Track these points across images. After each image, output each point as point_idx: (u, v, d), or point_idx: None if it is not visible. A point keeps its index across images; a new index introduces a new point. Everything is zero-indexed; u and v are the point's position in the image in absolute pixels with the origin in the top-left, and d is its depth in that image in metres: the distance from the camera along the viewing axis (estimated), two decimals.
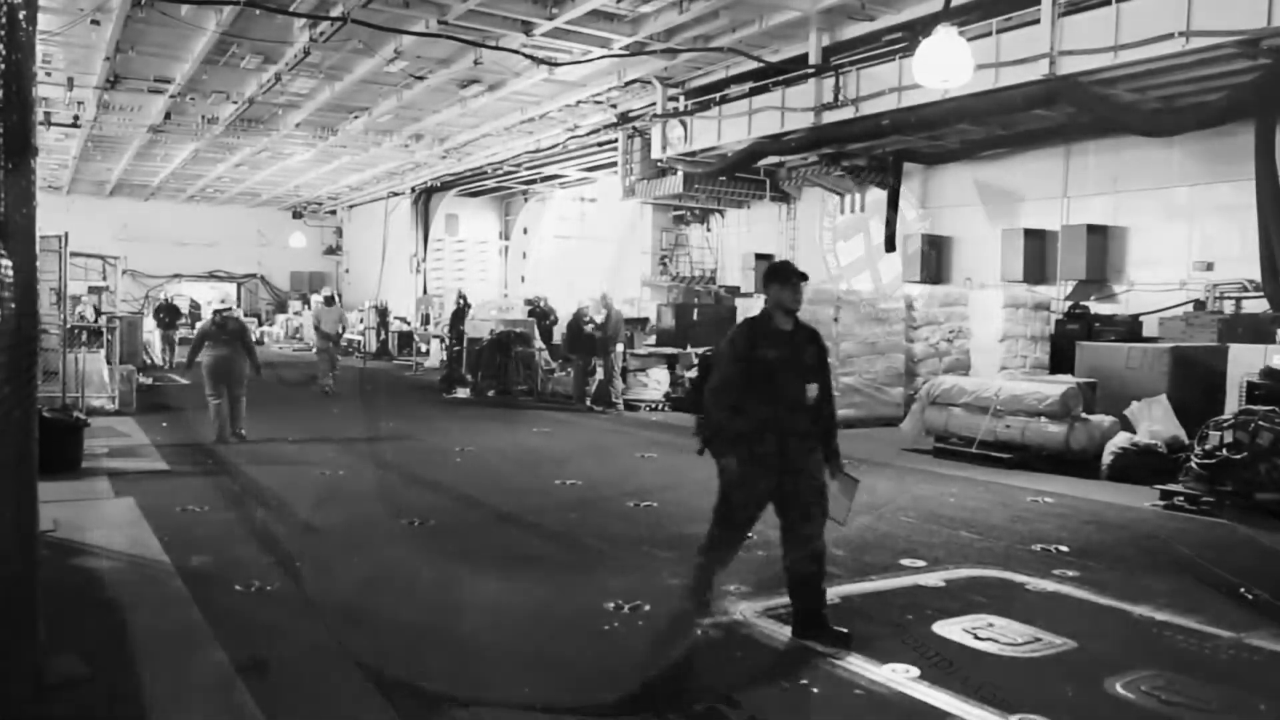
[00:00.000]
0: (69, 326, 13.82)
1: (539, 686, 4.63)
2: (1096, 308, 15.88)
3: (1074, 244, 16.16)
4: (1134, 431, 10.79)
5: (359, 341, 32.53)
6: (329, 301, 20.62)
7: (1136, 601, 6.04)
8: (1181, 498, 9.02)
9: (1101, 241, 16.09)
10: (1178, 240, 15.27)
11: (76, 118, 22.16)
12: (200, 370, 12.45)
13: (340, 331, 20.43)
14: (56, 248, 13.00)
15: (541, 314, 23.79)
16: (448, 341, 23.06)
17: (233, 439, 12.14)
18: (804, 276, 5.48)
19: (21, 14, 3.79)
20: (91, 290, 26.95)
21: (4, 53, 3.38)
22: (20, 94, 3.71)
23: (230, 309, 13.03)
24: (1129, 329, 14.59)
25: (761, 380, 5.25)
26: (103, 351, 15.49)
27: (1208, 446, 8.99)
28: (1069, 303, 16.21)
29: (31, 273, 4.22)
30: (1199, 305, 14.38)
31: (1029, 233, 17.02)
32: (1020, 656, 5.06)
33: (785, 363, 5.28)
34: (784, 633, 5.36)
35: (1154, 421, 10.69)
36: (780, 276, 5.46)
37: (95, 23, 15.50)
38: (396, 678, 4.73)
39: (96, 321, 16.85)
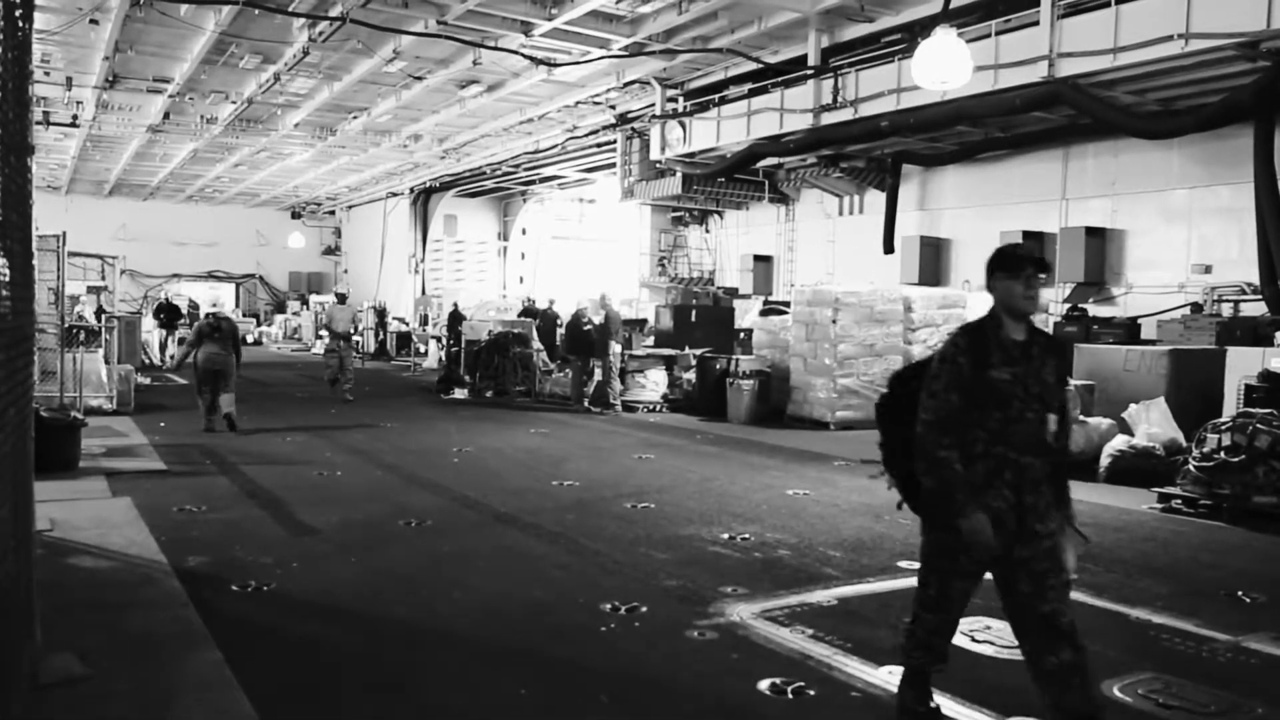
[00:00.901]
0: (67, 326, 13.80)
1: (535, 688, 4.62)
2: (1095, 310, 15.89)
3: (1072, 246, 16.18)
4: (1132, 434, 10.79)
5: (358, 342, 32.54)
6: (340, 299, 19.26)
7: (1134, 604, 6.04)
8: (1179, 501, 9.02)
9: (1100, 244, 16.11)
10: (1176, 243, 15.28)
11: (75, 117, 22.16)
12: (194, 366, 13.30)
13: (354, 331, 19.52)
14: (55, 247, 12.99)
15: (549, 317, 23.63)
16: (446, 342, 23.07)
17: (221, 427, 13.05)
18: (1043, 265, 3.94)
19: (17, 10, 3.78)
20: (90, 290, 27.00)
21: (0, 50, 3.37)
22: (17, 92, 3.70)
23: (223, 311, 14.00)
24: (1127, 331, 14.60)
25: (989, 410, 3.85)
26: (101, 351, 15.46)
27: (1206, 449, 8.99)
28: (1067, 305, 16.22)
29: (28, 271, 4.22)
30: (1197, 308, 14.39)
31: (1027, 235, 17.03)
32: (1017, 659, 5.03)
33: (1021, 385, 3.86)
34: (780, 635, 5.35)
35: (1152, 424, 10.69)
36: (1009, 265, 3.92)
37: (94, 22, 15.50)
38: (391, 679, 4.72)
39: (100, 320, 16.87)
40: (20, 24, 3.73)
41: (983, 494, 3.84)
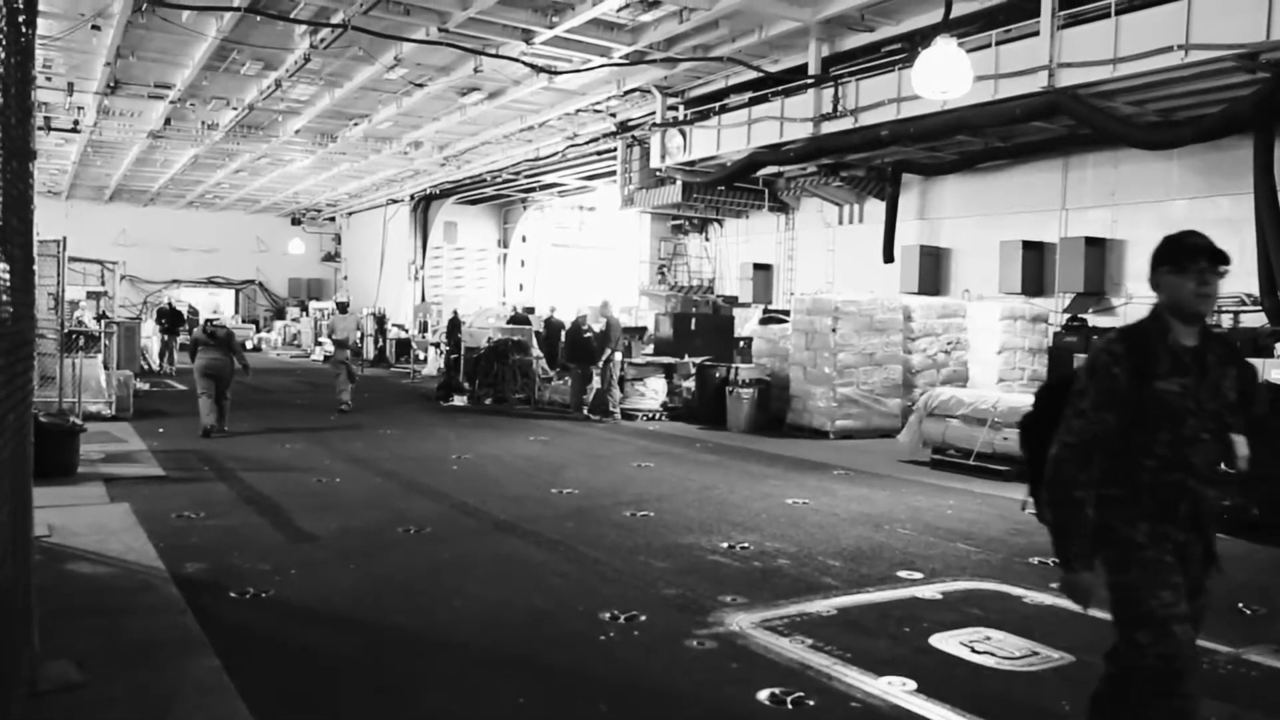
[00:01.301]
0: (66, 331, 13.79)
1: (534, 696, 4.61)
2: (1094, 320, 15.90)
3: (1072, 256, 16.20)
4: None
5: (360, 349, 32.51)
6: (342, 308, 19.01)
7: None
8: None
9: (1099, 254, 16.13)
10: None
11: (76, 123, 22.20)
12: (197, 374, 13.86)
13: (358, 340, 18.63)
14: (55, 252, 12.98)
15: (554, 325, 23.35)
16: (445, 349, 23.04)
17: (217, 431, 13.48)
18: (1220, 257, 3.20)
19: (21, 16, 3.78)
20: (90, 295, 27.00)
21: (3, 56, 3.37)
22: (19, 97, 3.70)
23: (219, 319, 15.31)
24: None
25: (1158, 430, 3.18)
26: (100, 356, 15.45)
27: None
28: (1067, 315, 16.23)
29: (29, 277, 4.21)
30: None
31: (1027, 245, 17.06)
32: (1018, 670, 5.04)
33: (1194, 399, 3.18)
34: (780, 644, 5.34)
35: None
36: (1177, 256, 3.22)
37: (96, 28, 15.54)
38: (391, 687, 4.71)
39: (101, 325, 16.90)
40: (23, 30, 3.73)
41: (1158, 526, 3.16)
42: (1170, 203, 15.41)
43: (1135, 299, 15.74)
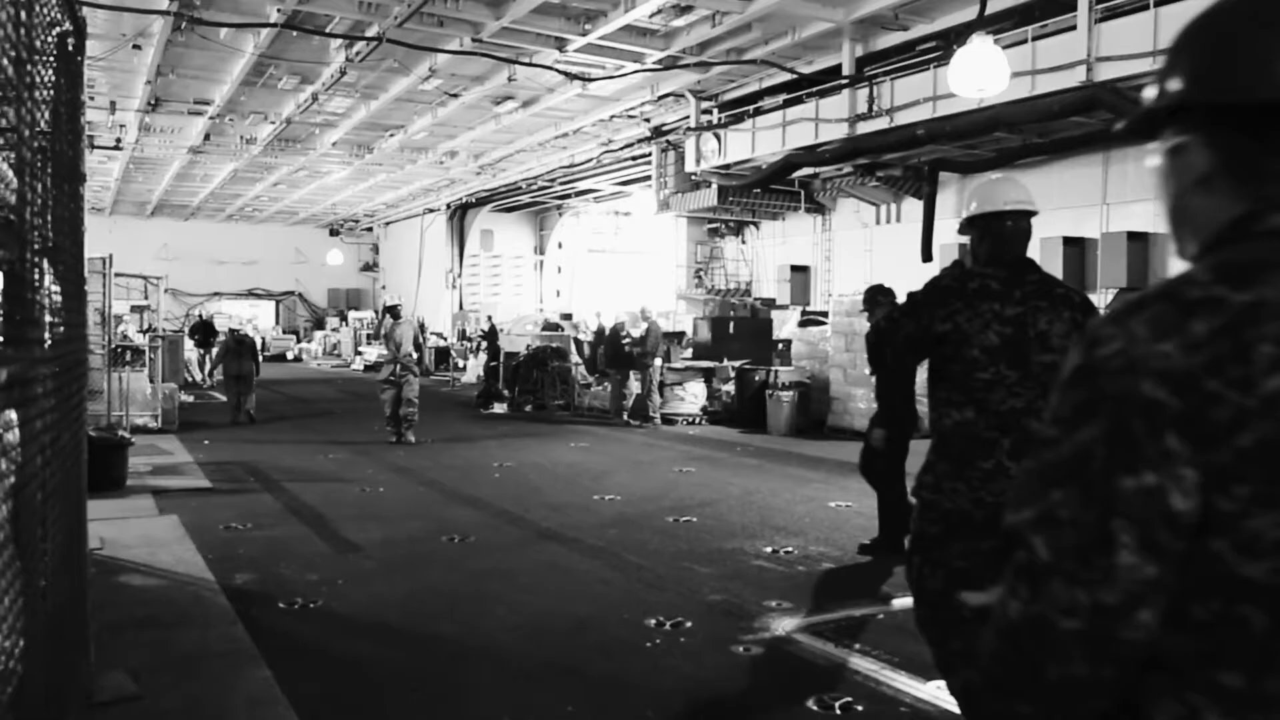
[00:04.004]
0: (113, 346, 14.02)
1: (581, 704, 4.62)
2: None
3: (1114, 252, 15.99)
4: None
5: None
6: (394, 314, 15.09)
7: None
8: None
9: (1143, 249, 15.91)
10: None
11: (119, 140, 22.57)
12: (224, 375, 17.04)
13: (418, 353, 14.93)
14: (101, 269, 13.21)
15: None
16: (479, 349, 22.96)
17: (244, 420, 16.46)
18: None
19: (70, 41, 3.86)
20: (134, 309, 27.40)
21: (56, 80, 3.44)
22: (71, 121, 3.77)
23: (242, 330, 18.67)
24: None
25: None
26: (145, 370, 15.69)
27: None
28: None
29: (81, 298, 4.29)
30: None
31: (1068, 241, 16.86)
32: None
33: None
34: (827, 649, 5.31)
35: None
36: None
37: (137, 47, 15.79)
38: (437, 696, 4.74)
39: (148, 339, 17.21)
40: (73, 56, 3.80)
41: None
42: None
43: None
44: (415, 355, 14.57)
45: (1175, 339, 1.05)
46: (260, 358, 17.42)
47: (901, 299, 3.78)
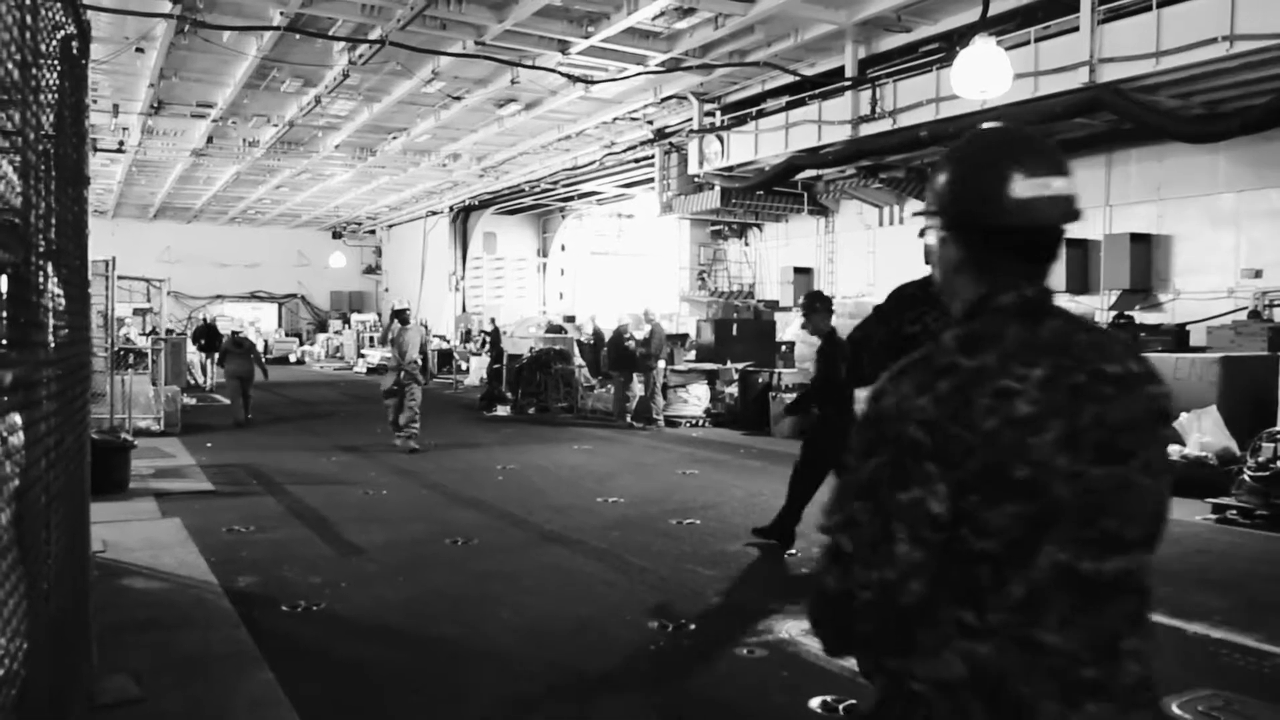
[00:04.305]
0: (116, 349, 14.03)
1: (585, 707, 4.62)
2: (1141, 317, 15.66)
3: (1117, 253, 15.97)
4: (1183, 444, 10.60)
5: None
6: (402, 318, 14.05)
7: (1191, 619, 5.92)
8: (1234, 511, 8.86)
9: (1145, 250, 15.89)
10: (1225, 247, 15.05)
11: (122, 143, 22.63)
12: (225, 375, 17.47)
13: (417, 359, 14.10)
14: (104, 272, 13.23)
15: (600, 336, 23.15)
16: (485, 344, 22.94)
17: (245, 420, 16.73)
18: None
19: (74, 44, 3.86)
20: (137, 312, 27.43)
21: (60, 83, 3.44)
22: (75, 125, 3.77)
23: (242, 332, 19.15)
24: (1175, 339, 14.36)
25: None
26: (148, 373, 15.70)
27: (1261, 458, 8.83)
28: (1113, 312, 16.01)
29: (84, 301, 4.29)
30: (1254, 315, 14.05)
31: (1071, 242, 16.83)
32: None
33: None
34: None
35: (1204, 433, 10.50)
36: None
37: (140, 50, 15.82)
38: (441, 698, 4.73)
39: (151, 341, 17.23)
40: (78, 60, 3.81)
41: None
42: (1218, 196, 15.15)
43: (1184, 294, 15.49)
44: (420, 362, 14.07)
45: (929, 395, 1.54)
46: (261, 359, 18.19)
47: (869, 298, 4.42)
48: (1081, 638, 1.58)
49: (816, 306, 8.00)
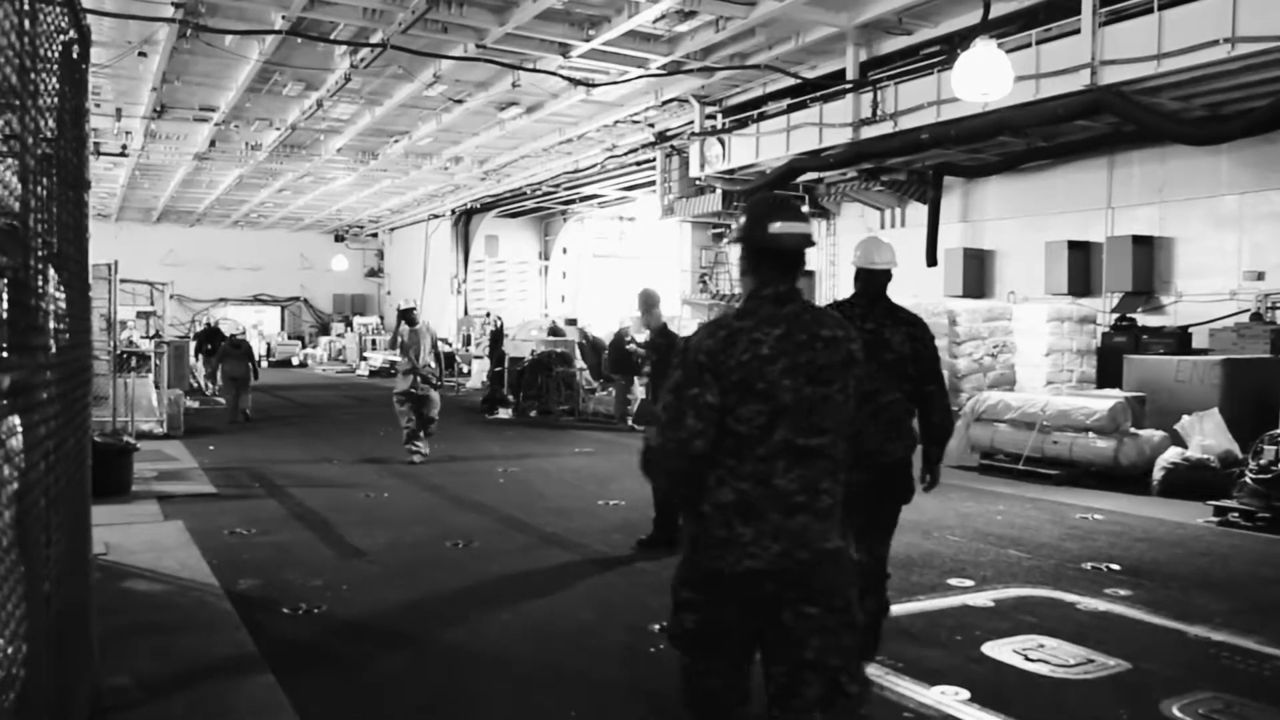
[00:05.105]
0: (119, 352, 14.05)
1: (585, 709, 4.62)
2: (1144, 320, 15.65)
3: (1119, 255, 15.96)
4: (1185, 446, 10.60)
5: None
6: (409, 319, 13.04)
7: (1192, 621, 5.92)
8: (1237, 514, 8.85)
9: (1148, 252, 15.88)
10: (1227, 249, 15.04)
11: (124, 147, 22.66)
12: (223, 376, 18.55)
13: (435, 364, 13.13)
14: (106, 275, 13.25)
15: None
16: (485, 349, 22.94)
17: (241, 419, 17.57)
18: None
19: (75, 49, 3.87)
20: (140, 315, 27.46)
21: (61, 87, 3.46)
22: (75, 129, 3.79)
23: (239, 335, 20.04)
24: (1178, 341, 14.35)
25: None
26: (151, 376, 15.72)
27: (1263, 461, 8.82)
28: (1115, 315, 16.00)
29: (86, 304, 4.30)
30: (1256, 317, 14.04)
31: (1073, 245, 16.84)
32: (1072, 678, 4.98)
33: None
34: None
35: (1206, 435, 10.50)
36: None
37: (142, 55, 15.85)
38: (442, 701, 4.74)
39: (154, 344, 17.26)
40: (78, 65, 3.82)
41: None
42: (1220, 198, 15.14)
43: (1186, 297, 15.49)
44: (433, 365, 12.99)
45: (712, 339, 2.79)
46: (256, 360, 19.37)
47: (902, 302, 5.16)
48: (796, 481, 2.80)
49: (653, 302, 8.73)
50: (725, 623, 2.83)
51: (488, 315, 25.80)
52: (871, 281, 5.23)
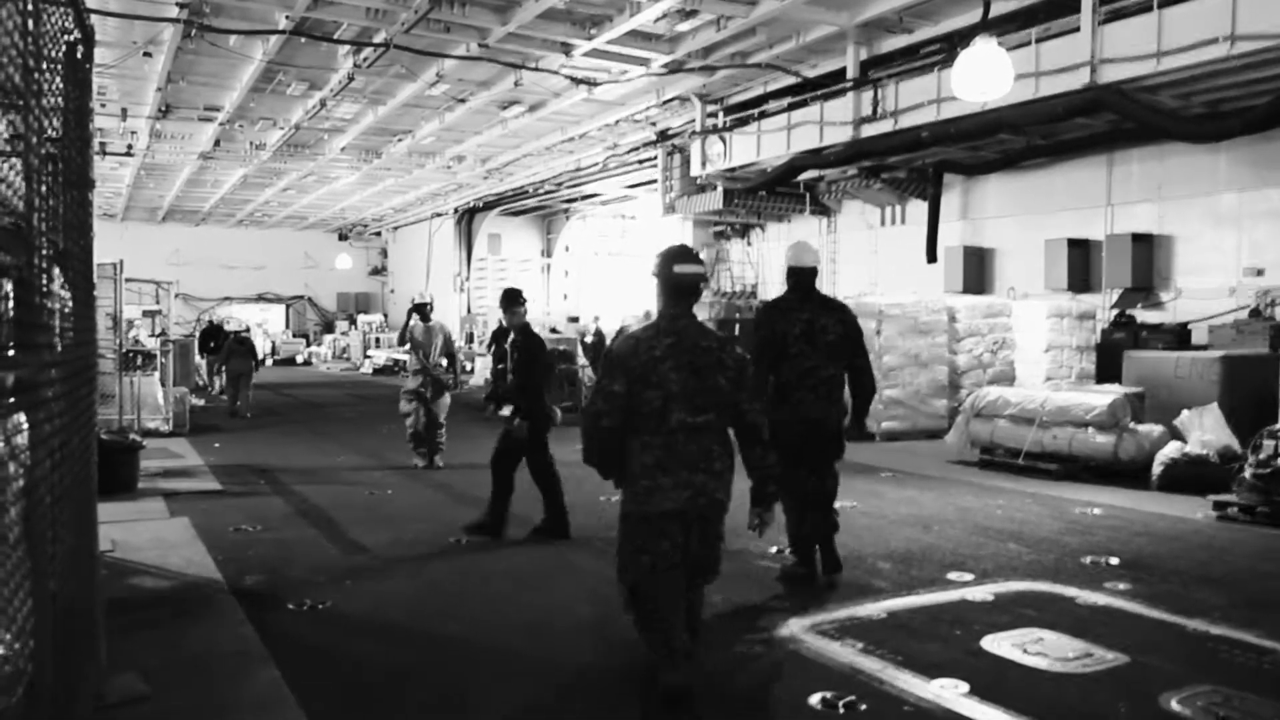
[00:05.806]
0: (124, 351, 14.12)
1: (588, 704, 4.66)
2: (1143, 316, 15.68)
3: (1119, 252, 15.99)
4: (1184, 441, 10.63)
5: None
6: (422, 314, 12.46)
7: (1191, 615, 5.95)
8: (1235, 508, 8.88)
9: (1147, 249, 15.91)
10: (1226, 247, 15.06)
11: (130, 147, 22.74)
12: (227, 372, 19.02)
13: (448, 363, 12.64)
14: (112, 274, 13.30)
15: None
16: (489, 347, 23.00)
17: (243, 414, 18.04)
18: None
19: (79, 50, 3.92)
20: (146, 314, 27.52)
21: (65, 87, 3.50)
22: (79, 129, 3.83)
23: (246, 332, 20.41)
24: (1177, 337, 14.38)
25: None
26: (157, 374, 15.78)
27: (1262, 456, 8.84)
28: (1114, 311, 16.03)
29: (90, 303, 4.35)
30: (1255, 314, 14.05)
31: (1072, 242, 16.86)
32: (1072, 672, 5.01)
33: None
34: (831, 649, 5.35)
35: (1205, 431, 10.53)
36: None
37: (147, 55, 15.91)
38: (446, 696, 4.78)
39: (159, 343, 17.30)
40: (82, 64, 3.86)
41: None
42: (1219, 195, 15.16)
43: (1185, 293, 15.51)
44: (445, 365, 12.45)
45: (626, 346, 4.71)
46: (259, 357, 20.16)
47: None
48: (692, 449, 4.55)
49: (517, 302, 9.06)
50: (663, 539, 4.62)
51: (500, 323, 25.63)
52: (803, 278, 6.44)
